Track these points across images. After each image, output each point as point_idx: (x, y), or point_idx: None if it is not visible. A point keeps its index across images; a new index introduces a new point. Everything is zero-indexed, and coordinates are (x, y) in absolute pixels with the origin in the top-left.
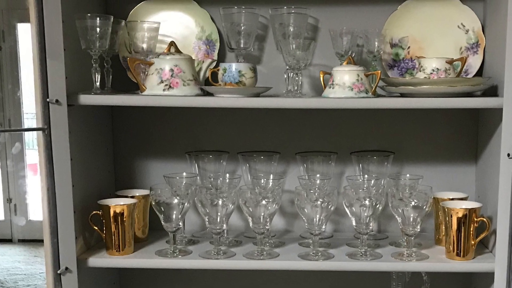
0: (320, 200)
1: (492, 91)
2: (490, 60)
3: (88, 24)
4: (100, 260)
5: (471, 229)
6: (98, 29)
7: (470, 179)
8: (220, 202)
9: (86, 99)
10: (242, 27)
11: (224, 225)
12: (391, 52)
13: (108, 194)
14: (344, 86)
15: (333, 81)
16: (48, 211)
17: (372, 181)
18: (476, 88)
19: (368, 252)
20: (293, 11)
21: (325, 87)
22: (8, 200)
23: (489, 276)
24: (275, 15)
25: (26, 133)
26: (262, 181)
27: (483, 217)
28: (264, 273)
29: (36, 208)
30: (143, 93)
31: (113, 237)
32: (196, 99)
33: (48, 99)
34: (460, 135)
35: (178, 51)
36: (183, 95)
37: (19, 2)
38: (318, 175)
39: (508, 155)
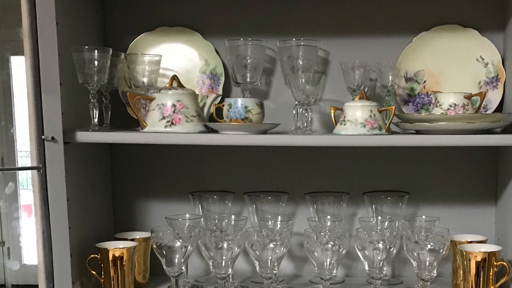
0: (331, 243)
1: None
2: (510, 95)
3: (85, 57)
4: None
5: (491, 273)
6: (96, 62)
7: (489, 220)
8: (225, 245)
9: (83, 136)
10: (249, 60)
11: (230, 270)
12: (406, 86)
13: (106, 236)
14: (356, 123)
15: (344, 117)
16: (43, 254)
17: (386, 223)
18: (496, 124)
19: None
20: (302, 43)
21: (336, 124)
22: (1, 243)
23: None
24: (283, 47)
25: (20, 172)
26: (270, 223)
27: (503, 261)
28: None
29: (30, 252)
30: (144, 130)
31: (112, 282)
32: (199, 136)
33: (43, 136)
34: (479, 174)
35: (180, 85)
36: (186, 132)
37: (13, 34)
38: (328, 217)
39: None
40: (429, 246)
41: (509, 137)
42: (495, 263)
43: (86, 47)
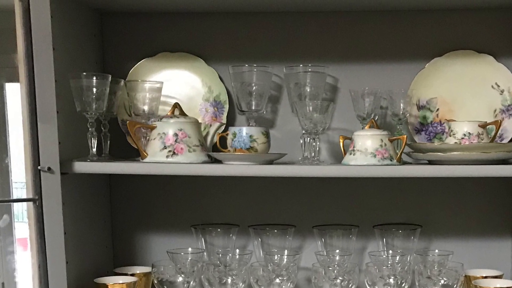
0: (340, 278)
1: None
2: None
3: (83, 84)
4: None
5: None
6: (94, 90)
7: (505, 255)
8: (229, 280)
9: (81, 166)
10: (254, 87)
11: None
12: (418, 114)
13: (105, 271)
14: (366, 153)
15: (354, 147)
16: None
17: (397, 257)
18: None
19: None
20: (310, 70)
21: (345, 154)
22: None
23: None
24: (290, 74)
25: (15, 204)
26: (276, 257)
27: None
28: None
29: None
30: (144, 160)
31: None
32: (202, 166)
33: (39, 167)
34: (494, 207)
35: (183, 113)
36: (189, 163)
37: (7, 60)
38: (337, 251)
39: None
40: (442, 282)
41: None
42: None
43: (84, 73)
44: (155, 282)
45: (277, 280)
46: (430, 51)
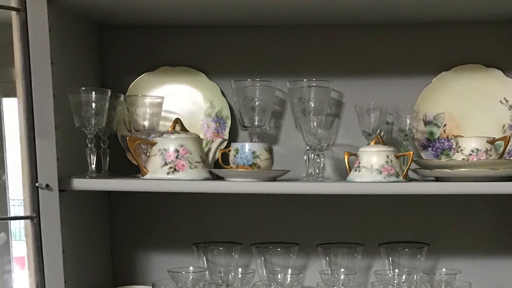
0: None
1: None
2: None
3: (82, 99)
4: None
5: None
6: (93, 105)
7: None
8: None
9: (80, 183)
10: (257, 102)
11: None
12: (425, 130)
13: None
14: (372, 169)
15: (359, 163)
16: None
17: (404, 276)
18: None
19: None
20: (314, 84)
21: (350, 170)
22: None
23: None
24: (293, 88)
25: (12, 222)
26: (279, 276)
27: None
28: None
29: None
30: (145, 177)
31: None
32: (204, 183)
33: (37, 184)
34: (503, 224)
35: (184, 129)
36: (190, 179)
37: (4, 74)
38: (342, 270)
39: None
40: None
41: None
42: None
43: (83, 88)
44: None
45: None
46: (437, 65)
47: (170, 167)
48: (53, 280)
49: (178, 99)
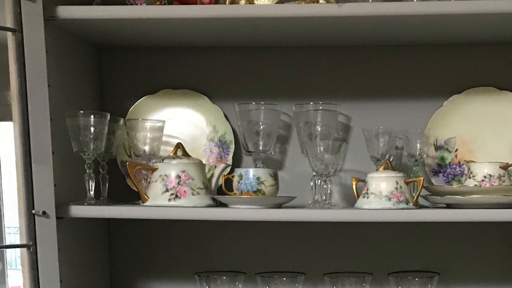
0: None
1: None
2: None
3: (80, 122)
4: None
5: None
6: (92, 129)
7: None
8: None
9: (78, 210)
10: (261, 126)
11: None
12: (436, 155)
13: None
14: (381, 196)
15: (367, 190)
16: None
17: None
18: None
19: None
20: (320, 108)
21: (358, 197)
22: None
23: None
24: (299, 112)
25: (8, 250)
26: None
27: None
28: None
29: None
30: (145, 204)
31: None
32: (207, 210)
33: (33, 211)
34: None
35: (186, 154)
36: (192, 206)
37: (0, 97)
38: None
39: None
40: None
41: None
42: None
43: (81, 111)
44: None
45: None
46: (448, 88)
47: (172, 194)
48: None
49: (179, 123)
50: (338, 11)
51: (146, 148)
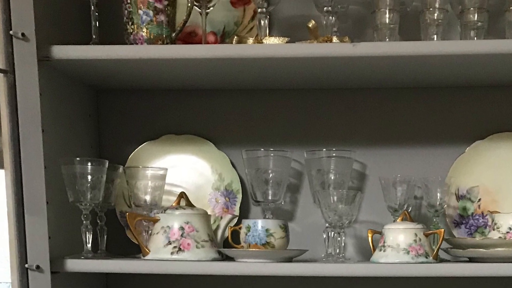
0: None
1: None
2: None
3: (77, 170)
4: None
5: None
6: (89, 177)
7: None
8: None
9: (74, 264)
10: (270, 175)
11: None
12: (457, 205)
13: None
14: (399, 249)
15: (384, 242)
16: None
17: None
18: None
19: None
20: (334, 155)
21: (374, 250)
22: None
23: None
24: (311, 159)
25: None
26: None
27: None
28: None
29: None
30: (146, 258)
31: None
32: (212, 264)
33: (26, 265)
34: None
35: (190, 204)
36: (197, 260)
37: None
38: None
39: None
40: None
41: None
42: None
43: (78, 159)
44: None
45: None
46: (470, 134)
47: (174, 247)
48: None
49: (183, 171)
50: (352, 51)
51: (147, 197)
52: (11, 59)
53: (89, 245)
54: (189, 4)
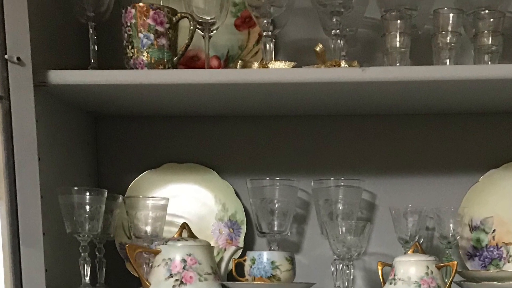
0: None
1: None
2: None
3: (74, 200)
4: None
5: None
6: (87, 208)
7: None
8: None
9: None
10: (276, 205)
11: None
12: (471, 237)
13: None
14: (410, 282)
15: (395, 275)
16: None
17: None
18: None
19: None
20: (342, 184)
21: (384, 283)
22: None
23: None
24: (319, 188)
25: None
26: None
27: None
28: None
29: None
30: None
31: None
32: None
33: None
34: None
35: (192, 235)
36: None
37: None
38: None
39: None
40: None
41: None
42: None
43: (75, 188)
44: None
45: None
46: (484, 162)
47: (176, 280)
48: None
49: (185, 201)
50: (362, 76)
51: (148, 228)
52: (6, 84)
53: (87, 278)
54: (192, 27)
